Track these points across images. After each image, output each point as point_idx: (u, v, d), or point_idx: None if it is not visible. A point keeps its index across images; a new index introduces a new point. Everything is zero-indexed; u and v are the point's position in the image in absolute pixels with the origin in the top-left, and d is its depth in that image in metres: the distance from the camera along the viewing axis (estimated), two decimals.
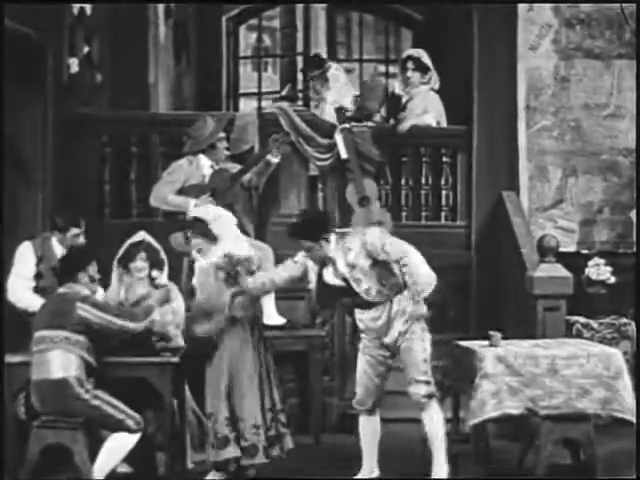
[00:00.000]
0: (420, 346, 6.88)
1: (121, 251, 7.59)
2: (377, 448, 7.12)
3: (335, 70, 10.02)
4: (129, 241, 7.57)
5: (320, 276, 7.00)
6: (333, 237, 6.94)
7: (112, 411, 6.80)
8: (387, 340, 6.95)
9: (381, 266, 6.86)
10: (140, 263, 7.53)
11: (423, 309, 6.87)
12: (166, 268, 7.62)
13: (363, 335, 7.08)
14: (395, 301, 6.90)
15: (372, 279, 6.86)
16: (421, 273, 6.77)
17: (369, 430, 7.11)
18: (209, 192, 8.51)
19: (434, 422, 6.90)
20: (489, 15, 9.83)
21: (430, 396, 6.87)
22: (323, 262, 6.96)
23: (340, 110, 9.50)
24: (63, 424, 6.82)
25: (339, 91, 9.89)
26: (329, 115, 9.72)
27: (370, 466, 7.14)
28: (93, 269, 7.12)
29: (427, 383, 6.88)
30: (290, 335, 8.58)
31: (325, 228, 6.95)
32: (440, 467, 6.89)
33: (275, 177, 9.05)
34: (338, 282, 6.95)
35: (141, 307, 7.24)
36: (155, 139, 9.44)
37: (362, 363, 7.09)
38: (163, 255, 7.62)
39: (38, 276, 7.62)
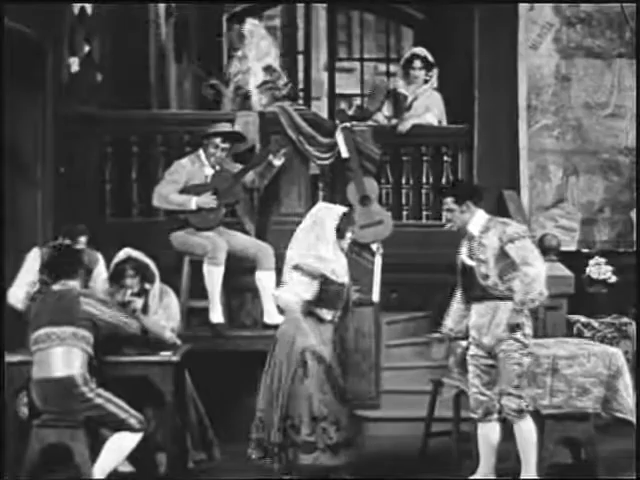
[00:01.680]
0: (516, 359, 6.70)
1: (109, 272, 7.57)
2: (494, 453, 6.92)
3: (251, 26, 9.97)
4: (114, 261, 7.55)
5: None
6: (480, 213, 6.87)
7: (115, 410, 6.79)
8: (485, 341, 6.79)
9: (508, 263, 6.72)
10: (129, 280, 7.51)
11: (520, 319, 6.67)
12: (157, 280, 7.59)
13: (470, 339, 6.93)
14: (502, 306, 6.74)
15: (494, 268, 6.74)
16: (535, 286, 6.62)
17: (483, 435, 6.92)
18: (210, 192, 8.51)
19: (524, 436, 6.75)
20: (490, 14, 9.85)
21: (520, 411, 6.70)
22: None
23: (341, 111, 9.52)
24: (64, 423, 6.81)
25: (257, 46, 9.86)
26: (255, 73, 9.72)
27: (485, 470, 6.98)
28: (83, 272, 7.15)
29: (519, 397, 6.71)
30: None
31: (470, 194, 6.89)
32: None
33: (276, 177, 9.04)
34: (468, 262, 6.90)
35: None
36: (156, 138, 9.44)
37: (471, 372, 6.94)
38: (153, 267, 7.58)
39: (42, 282, 7.61)
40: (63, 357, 6.75)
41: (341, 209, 7.26)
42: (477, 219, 6.86)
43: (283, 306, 7.20)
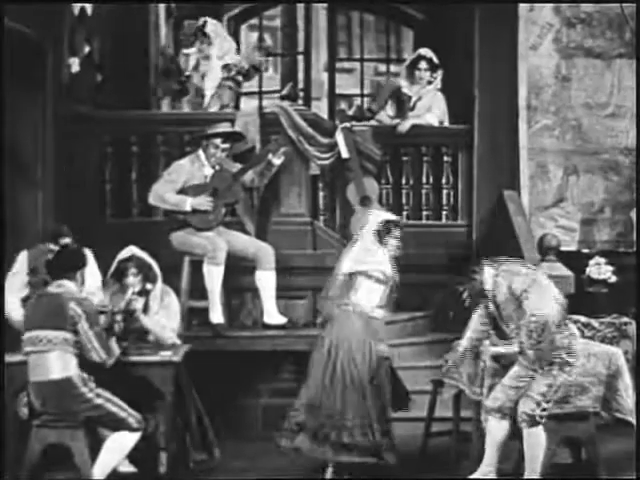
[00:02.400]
0: (552, 371, 6.76)
1: (112, 268, 7.57)
2: (498, 451, 6.92)
3: (213, 25, 10.00)
4: (118, 257, 7.54)
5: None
6: (487, 269, 6.89)
7: (114, 409, 6.78)
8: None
9: None
10: (131, 279, 7.50)
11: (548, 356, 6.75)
12: (159, 281, 7.58)
13: None
14: None
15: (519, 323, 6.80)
16: (544, 337, 6.69)
17: (489, 430, 6.92)
18: (209, 192, 8.51)
19: (531, 441, 6.77)
20: (490, 14, 9.84)
21: (532, 417, 6.72)
22: (481, 296, 6.95)
23: (340, 111, 9.53)
24: (64, 423, 6.80)
25: (221, 45, 9.89)
26: (215, 71, 9.72)
27: (487, 468, 6.98)
28: (83, 272, 7.10)
29: (537, 404, 6.72)
30: (290, 334, 8.58)
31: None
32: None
33: (276, 176, 9.05)
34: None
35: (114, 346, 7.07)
36: (156, 138, 9.44)
37: (514, 371, 6.95)
38: (156, 268, 7.57)
39: (32, 285, 7.59)
40: (59, 360, 6.73)
41: (386, 216, 7.47)
42: (486, 277, 6.89)
43: (359, 312, 7.34)
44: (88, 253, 7.82)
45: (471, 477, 6.99)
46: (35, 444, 6.84)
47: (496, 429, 6.87)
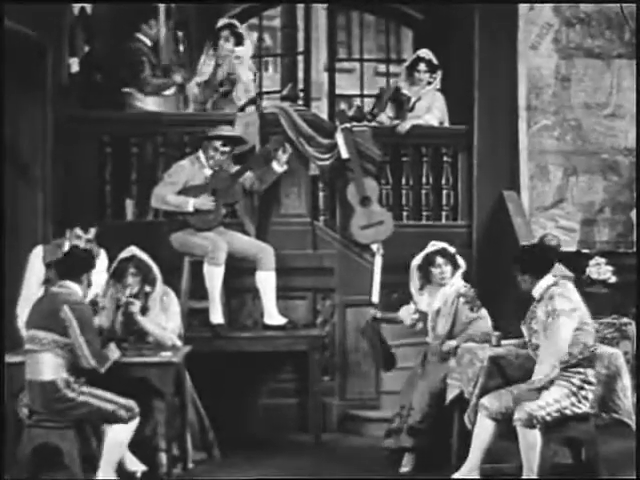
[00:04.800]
0: (558, 389, 6.82)
1: (112, 268, 7.56)
2: (482, 451, 6.93)
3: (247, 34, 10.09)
4: (119, 257, 7.53)
5: None
6: (544, 280, 6.95)
7: (102, 404, 6.78)
8: None
9: None
10: (130, 279, 7.48)
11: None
12: (159, 284, 7.57)
13: None
14: None
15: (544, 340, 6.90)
16: (544, 368, 6.82)
17: (481, 431, 6.94)
18: (210, 192, 8.51)
19: (527, 441, 6.75)
20: (490, 14, 9.84)
21: (530, 420, 6.71)
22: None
23: (341, 112, 9.52)
24: (53, 423, 6.83)
25: (247, 52, 9.95)
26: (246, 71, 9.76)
27: (471, 466, 6.99)
28: (89, 274, 7.08)
29: (540, 408, 6.73)
30: (290, 335, 8.58)
31: (529, 268, 7.00)
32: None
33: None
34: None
35: (109, 350, 7.04)
36: (156, 139, 9.43)
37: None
38: (156, 270, 7.56)
39: (47, 281, 7.59)
40: (48, 362, 6.76)
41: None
42: (539, 286, 6.94)
43: None
44: (102, 252, 7.83)
45: (453, 477, 6.99)
46: (26, 444, 6.87)
47: (478, 427, 6.90)
